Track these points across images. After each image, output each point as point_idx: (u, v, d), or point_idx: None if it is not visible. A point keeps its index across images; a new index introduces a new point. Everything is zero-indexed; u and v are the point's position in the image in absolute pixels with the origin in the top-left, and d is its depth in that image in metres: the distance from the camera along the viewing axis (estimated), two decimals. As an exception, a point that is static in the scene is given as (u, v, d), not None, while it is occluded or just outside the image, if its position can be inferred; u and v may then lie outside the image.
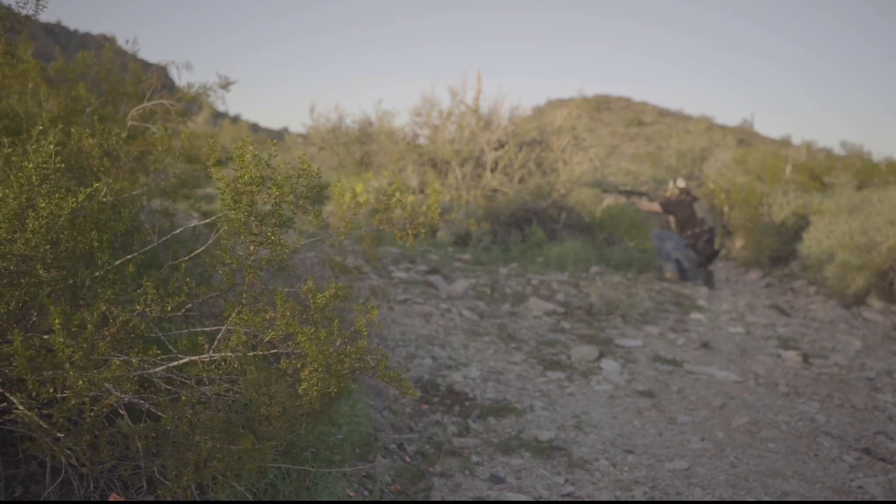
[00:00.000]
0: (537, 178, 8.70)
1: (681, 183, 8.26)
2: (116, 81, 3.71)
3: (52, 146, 1.44)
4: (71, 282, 1.56)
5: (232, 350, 1.63)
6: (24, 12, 1.99)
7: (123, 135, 2.90)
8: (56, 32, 26.02)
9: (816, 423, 3.65)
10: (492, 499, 2.59)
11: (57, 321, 1.37)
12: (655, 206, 8.35)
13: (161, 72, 4.03)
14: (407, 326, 4.59)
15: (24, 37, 2.74)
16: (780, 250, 9.36)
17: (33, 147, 1.44)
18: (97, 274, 1.61)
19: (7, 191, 1.41)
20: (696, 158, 17.94)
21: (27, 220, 1.44)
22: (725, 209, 10.96)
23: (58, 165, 1.45)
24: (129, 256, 1.73)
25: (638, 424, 3.47)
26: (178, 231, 2.04)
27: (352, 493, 2.31)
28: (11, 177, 1.42)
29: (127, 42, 3.82)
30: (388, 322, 4.49)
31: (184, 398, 1.57)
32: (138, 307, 1.64)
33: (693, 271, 7.79)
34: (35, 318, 1.63)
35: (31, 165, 1.43)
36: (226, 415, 1.66)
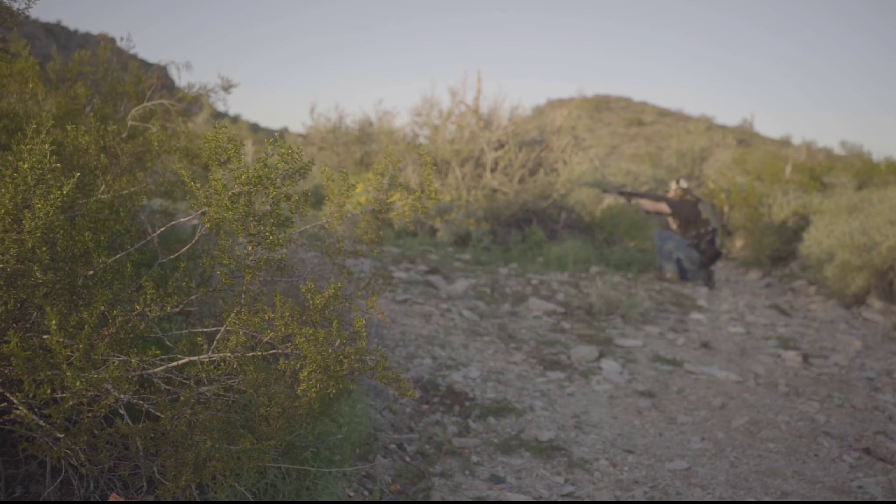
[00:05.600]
0: (538, 178, 8.70)
1: (683, 183, 8.26)
2: (116, 81, 3.70)
3: (46, 146, 1.44)
4: (68, 282, 1.55)
5: (231, 351, 1.63)
6: (14, 6, 1.97)
7: (123, 134, 2.90)
8: (56, 32, 26.03)
9: (816, 423, 3.65)
10: (492, 499, 2.59)
11: (53, 322, 1.37)
12: (662, 206, 8.32)
13: (161, 72, 4.03)
14: (407, 326, 4.58)
15: (15, 34, 2.73)
16: (780, 250, 9.36)
17: (28, 147, 1.44)
18: (91, 272, 1.61)
19: (2, 191, 1.41)
20: (696, 158, 17.95)
21: (23, 221, 1.43)
22: (725, 209, 10.96)
23: (54, 165, 1.45)
24: (124, 253, 1.73)
25: (638, 424, 3.46)
26: (171, 223, 2.03)
27: (352, 493, 2.31)
28: (6, 177, 1.42)
29: (122, 40, 3.81)
30: (389, 321, 4.49)
31: (182, 398, 1.56)
32: (138, 307, 1.63)
33: (693, 271, 7.78)
34: (35, 318, 1.63)
35: (25, 166, 1.42)
36: (225, 415, 1.66)
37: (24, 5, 1.98)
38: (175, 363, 1.68)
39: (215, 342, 1.71)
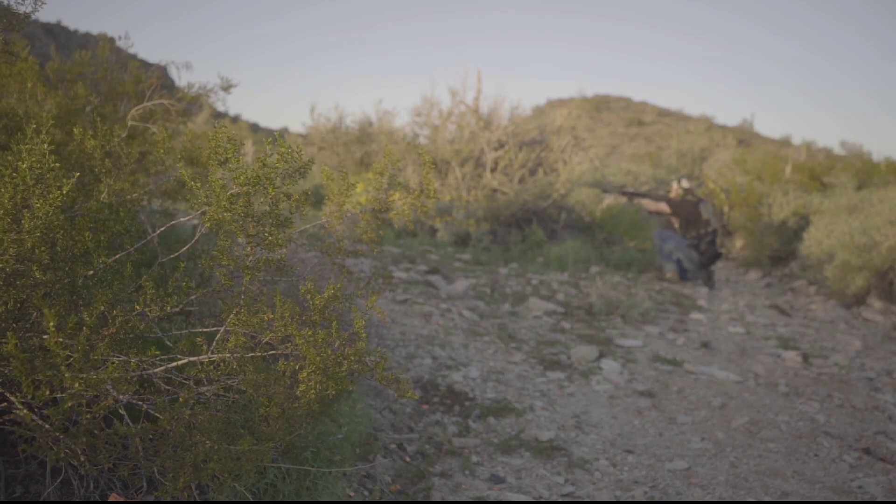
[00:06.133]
0: (538, 178, 8.70)
1: (685, 183, 8.24)
2: (115, 81, 3.70)
3: (46, 145, 1.44)
4: (68, 282, 1.55)
5: (230, 351, 1.63)
6: (21, 9, 1.98)
7: (123, 134, 2.90)
8: (56, 32, 26.04)
9: (816, 423, 3.65)
10: (492, 499, 2.59)
11: (51, 323, 1.37)
12: (662, 206, 8.30)
13: (161, 72, 4.03)
14: (407, 326, 4.58)
15: (15, 34, 2.73)
16: (780, 250, 9.36)
17: (27, 147, 1.44)
18: (91, 272, 1.61)
19: (2, 191, 1.41)
20: (696, 158, 17.95)
21: (23, 221, 1.43)
22: (725, 209, 10.96)
23: (53, 165, 1.45)
24: (124, 253, 1.73)
25: (638, 424, 3.46)
26: (172, 223, 2.03)
27: (352, 493, 2.31)
28: (6, 177, 1.42)
29: (121, 39, 3.81)
30: (389, 321, 4.49)
31: (182, 399, 1.56)
32: (138, 307, 1.63)
33: (694, 271, 7.78)
34: (34, 318, 1.63)
35: (24, 165, 1.42)
36: (224, 415, 1.66)
37: (30, 9, 1.99)
38: (175, 363, 1.68)
39: (215, 342, 1.71)
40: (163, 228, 1.92)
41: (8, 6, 2.07)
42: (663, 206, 8.28)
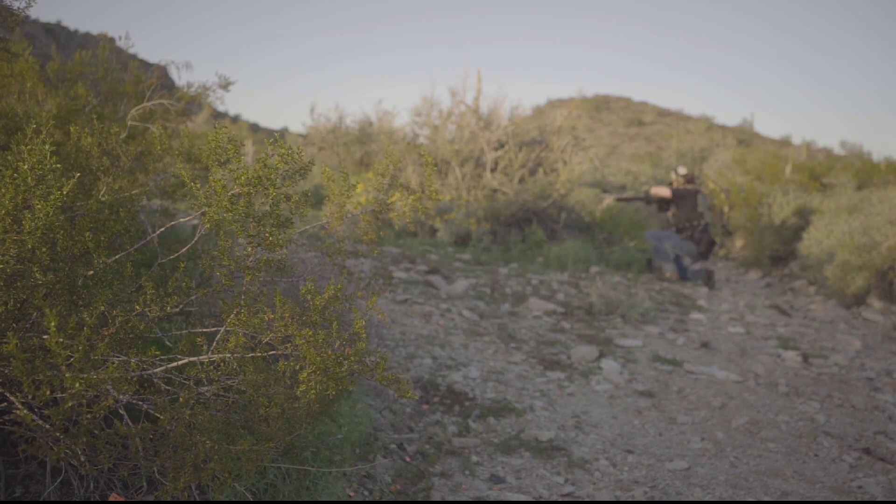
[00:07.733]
0: (538, 178, 8.70)
1: (682, 170, 8.27)
2: (115, 81, 3.70)
3: (47, 146, 1.44)
4: (68, 282, 1.55)
5: (231, 351, 1.63)
6: (15, 6, 1.98)
7: (123, 134, 2.90)
8: (56, 32, 26.04)
9: (816, 423, 3.65)
10: (492, 499, 2.59)
11: (52, 324, 1.37)
12: (665, 191, 8.28)
13: (161, 72, 4.03)
14: (407, 326, 4.58)
15: (17, 35, 2.73)
16: (780, 250, 9.36)
17: (28, 147, 1.44)
18: (91, 273, 1.61)
19: (2, 191, 1.41)
20: (696, 158, 17.95)
21: (23, 222, 1.43)
22: (725, 209, 10.95)
23: (54, 166, 1.45)
24: (124, 253, 1.73)
25: (638, 424, 3.46)
26: (172, 223, 2.03)
27: (352, 493, 2.31)
28: (6, 178, 1.42)
29: (120, 39, 3.81)
30: (389, 321, 4.49)
31: (182, 399, 1.56)
32: (138, 307, 1.63)
33: (693, 271, 7.80)
34: (35, 318, 1.63)
35: (26, 166, 1.42)
36: (224, 415, 1.66)
37: (24, 4, 1.99)
38: (175, 363, 1.68)
39: (215, 343, 1.71)
40: (163, 228, 1.92)
41: (6, 4, 2.07)
42: (665, 191, 8.27)
